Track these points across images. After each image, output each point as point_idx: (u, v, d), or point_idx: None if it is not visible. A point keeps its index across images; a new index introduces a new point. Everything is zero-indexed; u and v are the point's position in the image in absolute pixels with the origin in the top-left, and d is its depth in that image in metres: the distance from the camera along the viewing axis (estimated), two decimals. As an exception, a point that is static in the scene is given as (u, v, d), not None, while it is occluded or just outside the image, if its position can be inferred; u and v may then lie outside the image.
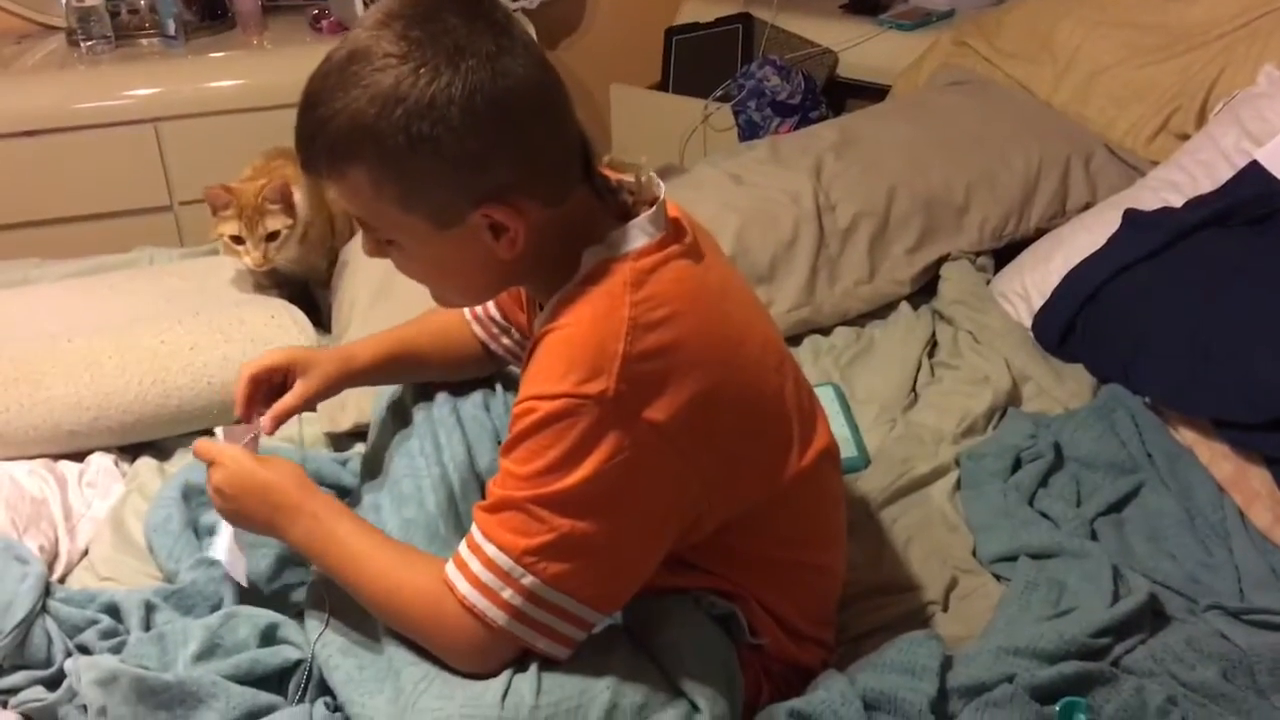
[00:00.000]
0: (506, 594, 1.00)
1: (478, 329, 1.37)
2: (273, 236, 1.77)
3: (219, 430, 1.27)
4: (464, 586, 1.02)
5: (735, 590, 1.14)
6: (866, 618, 1.33)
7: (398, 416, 1.40)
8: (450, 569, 1.03)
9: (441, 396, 1.37)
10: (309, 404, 1.29)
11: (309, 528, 1.11)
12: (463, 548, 1.04)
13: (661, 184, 1.09)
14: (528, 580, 1.00)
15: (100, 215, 2.55)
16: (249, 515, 1.14)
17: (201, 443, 1.20)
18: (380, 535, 1.12)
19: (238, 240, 1.77)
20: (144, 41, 2.69)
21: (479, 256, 1.03)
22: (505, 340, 1.37)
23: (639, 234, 1.04)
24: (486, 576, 1.01)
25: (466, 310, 1.37)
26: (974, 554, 1.42)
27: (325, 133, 0.97)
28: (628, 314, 0.99)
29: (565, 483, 0.98)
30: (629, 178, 1.12)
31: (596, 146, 1.08)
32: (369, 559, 1.08)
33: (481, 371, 1.41)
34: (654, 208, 1.06)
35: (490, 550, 1.01)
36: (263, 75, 2.59)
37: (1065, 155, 1.97)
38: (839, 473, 1.24)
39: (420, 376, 1.39)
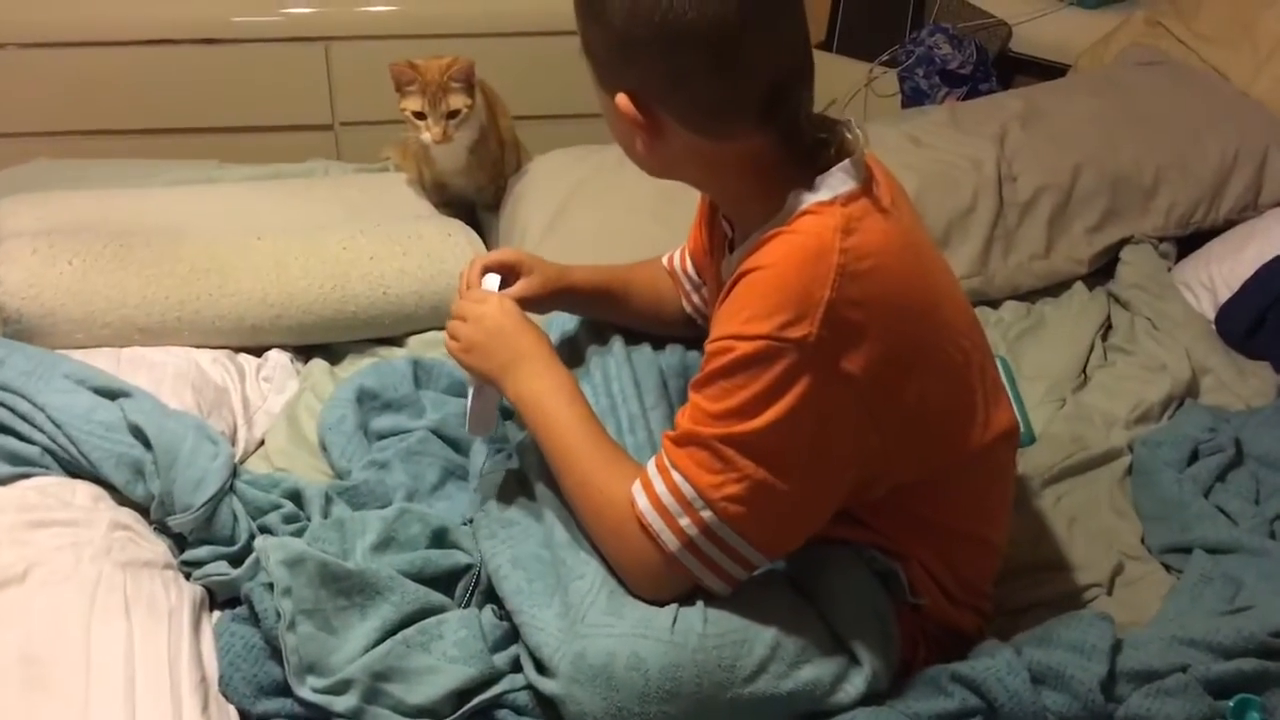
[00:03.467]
0: (684, 522, 1.01)
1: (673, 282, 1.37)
2: (453, 115, 1.80)
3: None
4: (644, 503, 1.03)
5: (898, 550, 1.13)
6: (1025, 593, 1.31)
7: (570, 350, 1.40)
8: (636, 485, 1.05)
9: (615, 339, 1.37)
10: (527, 301, 1.30)
11: (539, 392, 1.14)
12: (651, 467, 1.05)
13: (862, 135, 1.07)
14: (707, 514, 1.00)
15: (265, 128, 2.60)
16: (491, 354, 1.18)
17: (470, 277, 1.25)
18: (599, 431, 1.13)
19: (419, 116, 1.80)
20: (323, -39, 2.74)
21: (629, 135, 1.05)
22: (696, 298, 1.37)
23: (843, 181, 1.02)
24: (668, 500, 1.02)
25: (664, 260, 1.38)
26: (1143, 541, 1.38)
27: None
28: (836, 260, 0.97)
29: (754, 424, 0.98)
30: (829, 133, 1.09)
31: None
32: (579, 451, 1.10)
33: (677, 330, 1.40)
34: (856, 156, 1.04)
35: (676, 477, 1.02)
36: (432, 4, 2.61)
37: (1263, 146, 1.89)
38: (1015, 453, 1.22)
39: (623, 318, 1.39)
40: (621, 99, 1.01)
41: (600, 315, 1.39)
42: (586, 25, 1.02)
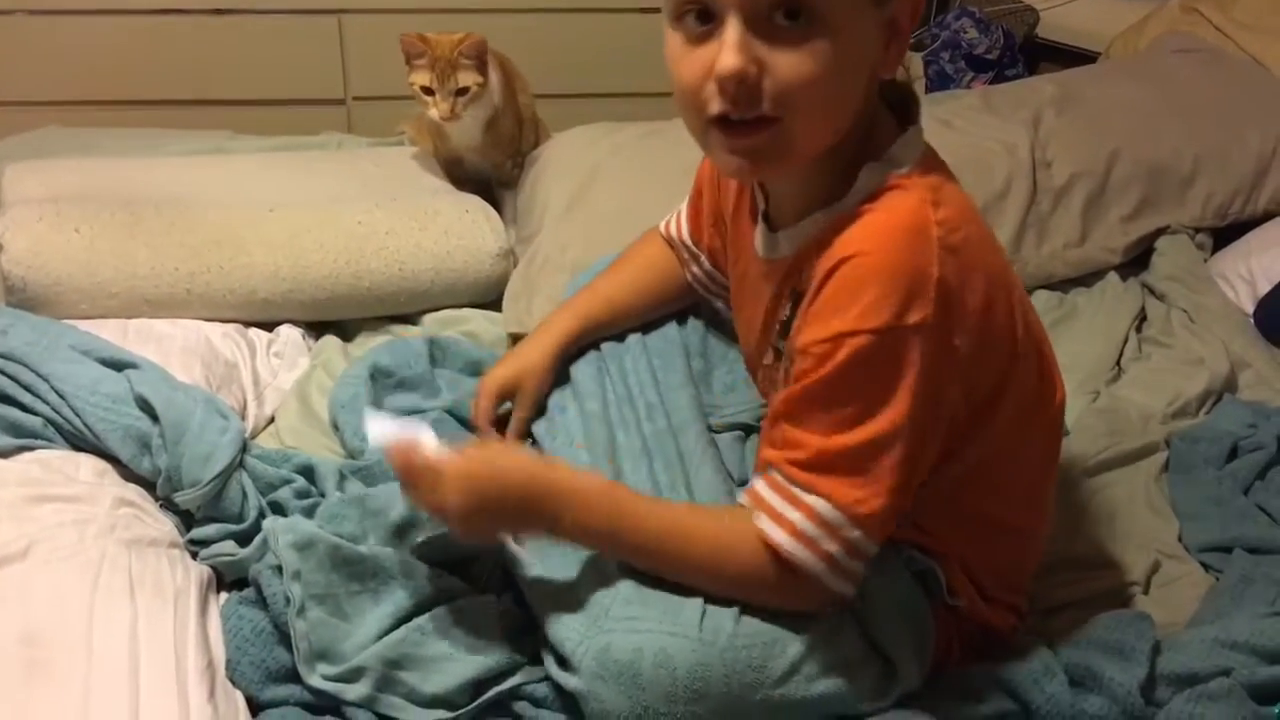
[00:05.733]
0: (830, 547, 0.95)
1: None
2: (463, 92, 1.75)
3: (369, 414, 1.07)
4: (783, 538, 0.96)
5: (936, 547, 1.08)
6: (1060, 591, 1.26)
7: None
8: (764, 522, 0.97)
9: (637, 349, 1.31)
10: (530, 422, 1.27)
11: (579, 517, 1.00)
12: (774, 499, 0.97)
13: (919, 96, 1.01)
14: (855, 534, 0.95)
15: (276, 101, 2.55)
16: (498, 525, 1.04)
17: (406, 460, 1.00)
18: (665, 506, 1.05)
19: (428, 91, 1.75)
20: (336, -68, 2.69)
21: (868, 69, 0.92)
22: (695, 268, 1.31)
23: (915, 147, 0.97)
24: (809, 527, 0.95)
25: (663, 228, 1.32)
26: (1180, 540, 1.34)
27: None
28: (935, 234, 0.90)
29: (887, 421, 0.92)
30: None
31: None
32: (668, 537, 1.00)
33: (679, 306, 1.34)
34: (918, 121, 0.99)
35: (814, 500, 0.94)
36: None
37: (1305, 137, 1.84)
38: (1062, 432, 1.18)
39: (627, 328, 1.32)
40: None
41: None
42: None
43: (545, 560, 1.08)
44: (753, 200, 1.10)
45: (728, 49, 0.86)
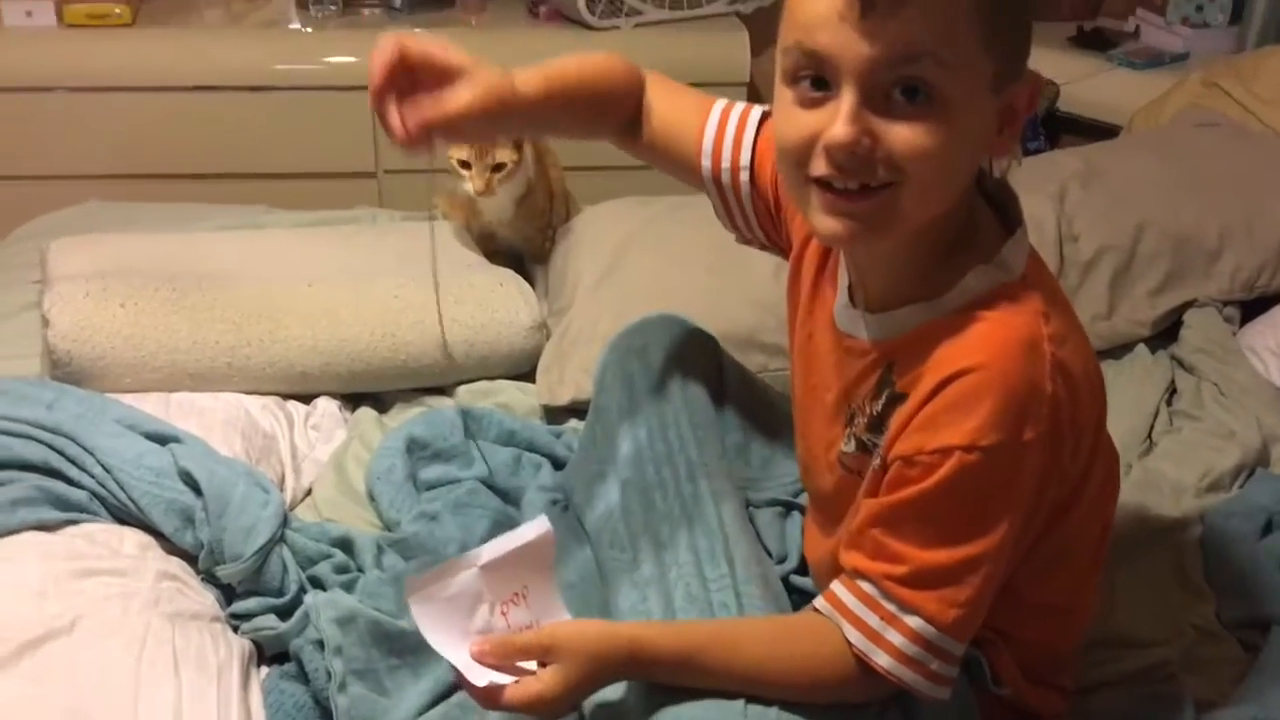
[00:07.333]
0: (934, 665, 0.95)
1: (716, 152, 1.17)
2: (499, 168, 1.79)
3: (410, 588, 0.97)
4: (885, 661, 0.95)
5: (984, 633, 1.05)
6: (1094, 670, 1.24)
7: (626, 393, 1.28)
8: (859, 640, 0.96)
9: (673, 383, 1.28)
10: (474, 119, 1.00)
11: (660, 665, 0.98)
12: (868, 616, 0.95)
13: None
14: (951, 644, 0.95)
15: (309, 175, 2.61)
16: (595, 692, 1.01)
17: (495, 701, 0.96)
18: (734, 655, 0.99)
19: (465, 166, 1.79)
20: (366, 12, 2.76)
21: (981, 150, 0.91)
22: (732, 207, 1.20)
23: (1024, 252, 0.96)
24: (913, 650, 0.94)
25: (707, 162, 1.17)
26: (1216, 615, 1.33)
27: None
28: (1048, 350, 0.90)
29: (991, 536, 0.92)
30: None
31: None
32: (756, 683, 0.97)
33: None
34: (1022, 221, 0.98)
35: (916, 622, 0.94)
36: (478, 55, 2.60)
37: (1328, 210, 1.85)
38: None
39: (578, 129, 1.18)
40: (1030, 83, 0.90)
41: (555, 131, 1.23)
42: (1006, 8, 0.86)
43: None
44: (835, 264, 1.07)
45: (842, 119, 0.85)
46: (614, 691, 1.01)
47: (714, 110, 1.18)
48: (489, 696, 0.95)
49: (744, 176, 1.17)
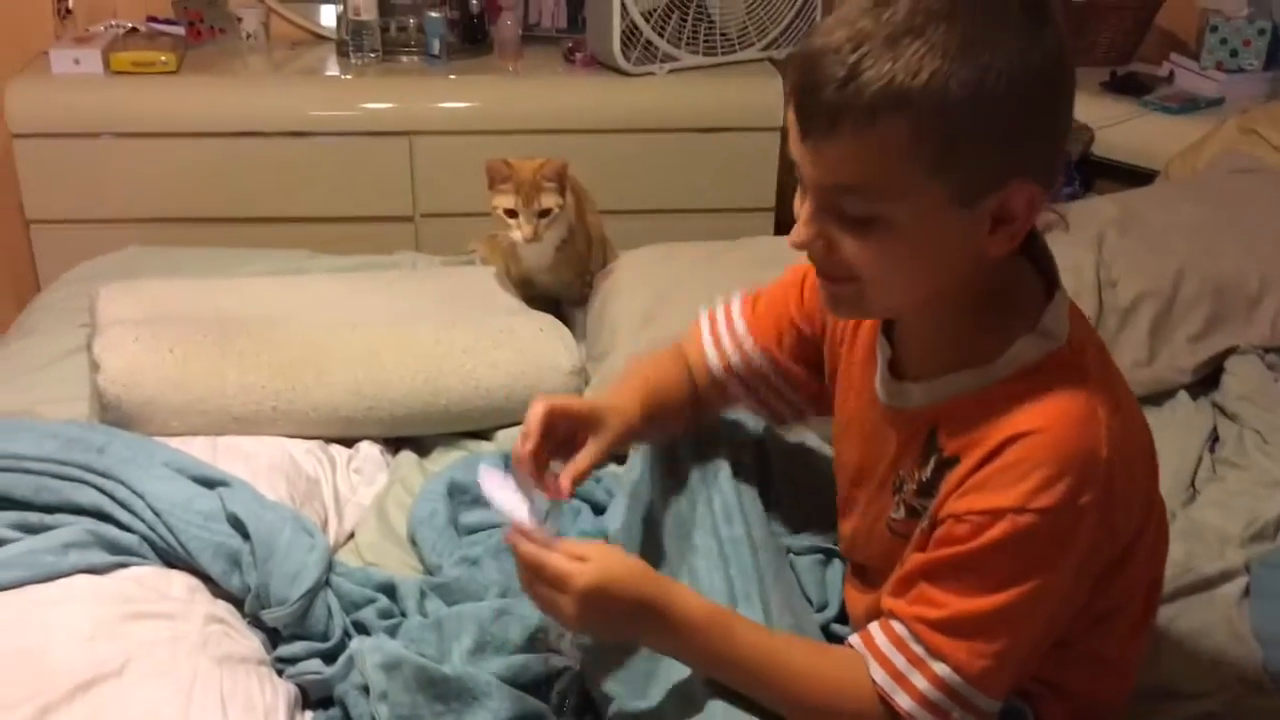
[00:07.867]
0: (956, 714, 0.96)
1: (725, 376, 1.26)
2: (545, 214, 1.80)
3: (483, 470, 1.08)
4: (907, 703, 0.96)
5: (1033, 686, 1.06)
6: (1140, 724, 1.24)
7: (668, 468, 1.28)
8: (883, 679, 0.97)
9: (721, 464, 1.26)
10: (602, 463, 1.15)
11: (690, 640, 1.01)
12: (896, 657, 0.97)
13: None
14: (980, 700, 0.95)
15: (348, 219, 2.65)
16: (610, 634, 1.07)
17: (537, 561, 1.01)
18: (767, 636, 1.04)
19: (511, 214, 1.81)
20: (405, 59, 2.80)
21: (962, 252, 0.92)
22: (760, 397, 1.26)
23: (1065, 315, 0.97)
24: (935, 696, 0.95)
25: (709, 363, 1.26)
26: (1265, 668, 1.32)
27: (871, 78, 0.84)
28: (1102, 415, 0.92)
29: (1032, 595, 0.93)
30: None
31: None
32: (780, 672, 1.01)
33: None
34: (1059, 281, 0.99)
35: (943, 670, 0.95)
36: (515, 101, 2.66)
37: (1367, 257, 1.84)
38: None
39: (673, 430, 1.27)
40: (1022, 184, 0.89)
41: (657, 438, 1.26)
42: (956, 139, 0.85)
43: (628, 685, 1.09)
44: (873, 344, 1.10)
45: (800, 222, 0.94)
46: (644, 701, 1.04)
47: (701, 327, 1.29)
48: (530, 555, 1.00)
49: (748, 345, 1.24)
